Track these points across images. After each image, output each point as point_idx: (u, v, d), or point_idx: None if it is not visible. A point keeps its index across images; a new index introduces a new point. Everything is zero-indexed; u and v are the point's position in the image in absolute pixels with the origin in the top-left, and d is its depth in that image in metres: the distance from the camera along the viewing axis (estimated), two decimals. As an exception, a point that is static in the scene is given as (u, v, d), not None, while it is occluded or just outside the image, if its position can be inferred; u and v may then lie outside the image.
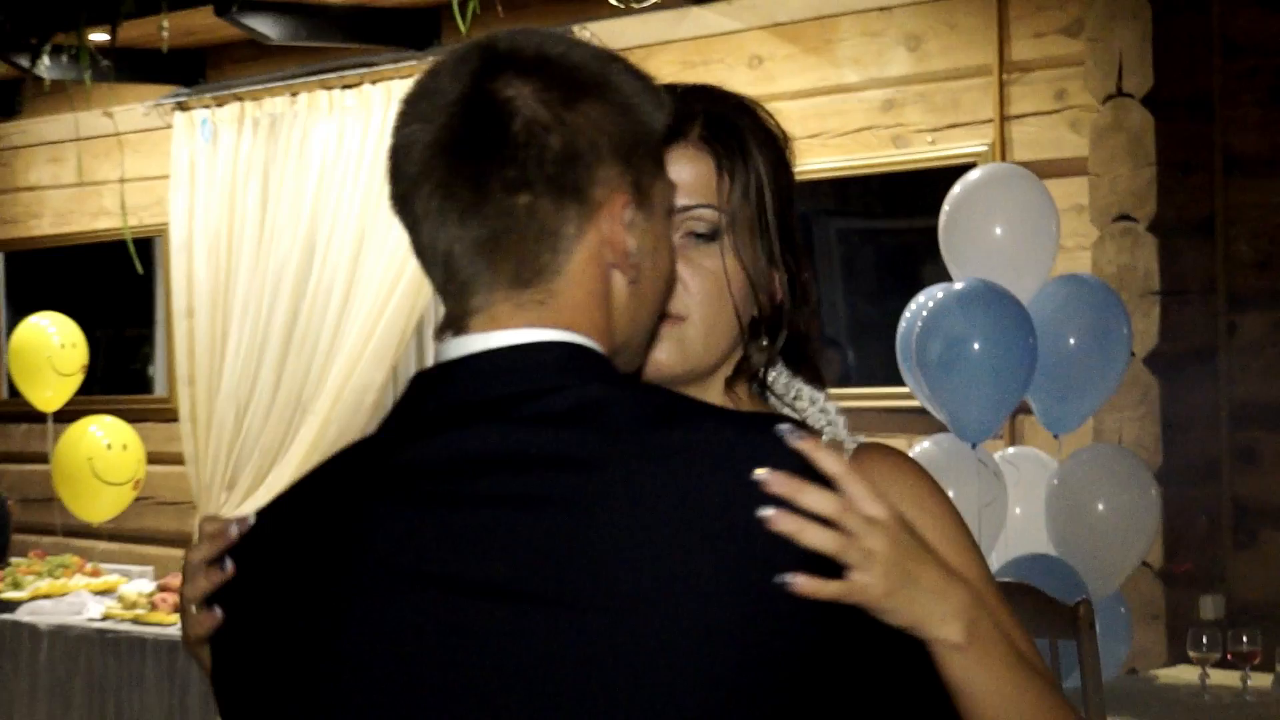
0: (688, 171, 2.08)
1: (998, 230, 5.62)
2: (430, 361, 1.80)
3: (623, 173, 1.78)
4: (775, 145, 2.14)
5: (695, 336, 2.08)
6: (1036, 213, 5.67)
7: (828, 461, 1.69)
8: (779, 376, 2.18)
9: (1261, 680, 5.26)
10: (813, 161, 6.97)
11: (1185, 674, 5.50)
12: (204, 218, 8.49)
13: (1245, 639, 5.29)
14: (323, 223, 8.03)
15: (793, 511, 1.66)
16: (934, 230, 5.71)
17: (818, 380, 2.19)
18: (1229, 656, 5.29)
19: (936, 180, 6.11)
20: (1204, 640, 5.29)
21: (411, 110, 1.83)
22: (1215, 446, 6.13)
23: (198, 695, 7.09)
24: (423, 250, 1.83)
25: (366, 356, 7.81)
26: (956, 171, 5.99)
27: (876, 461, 2.07)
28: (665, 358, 2.07)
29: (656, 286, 1.85)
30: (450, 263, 1.80)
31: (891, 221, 7.34)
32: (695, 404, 1.80)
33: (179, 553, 8.46)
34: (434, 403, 1.83)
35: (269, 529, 1.84)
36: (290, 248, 8.10)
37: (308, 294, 8.04)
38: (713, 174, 2.09)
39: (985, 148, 6.56)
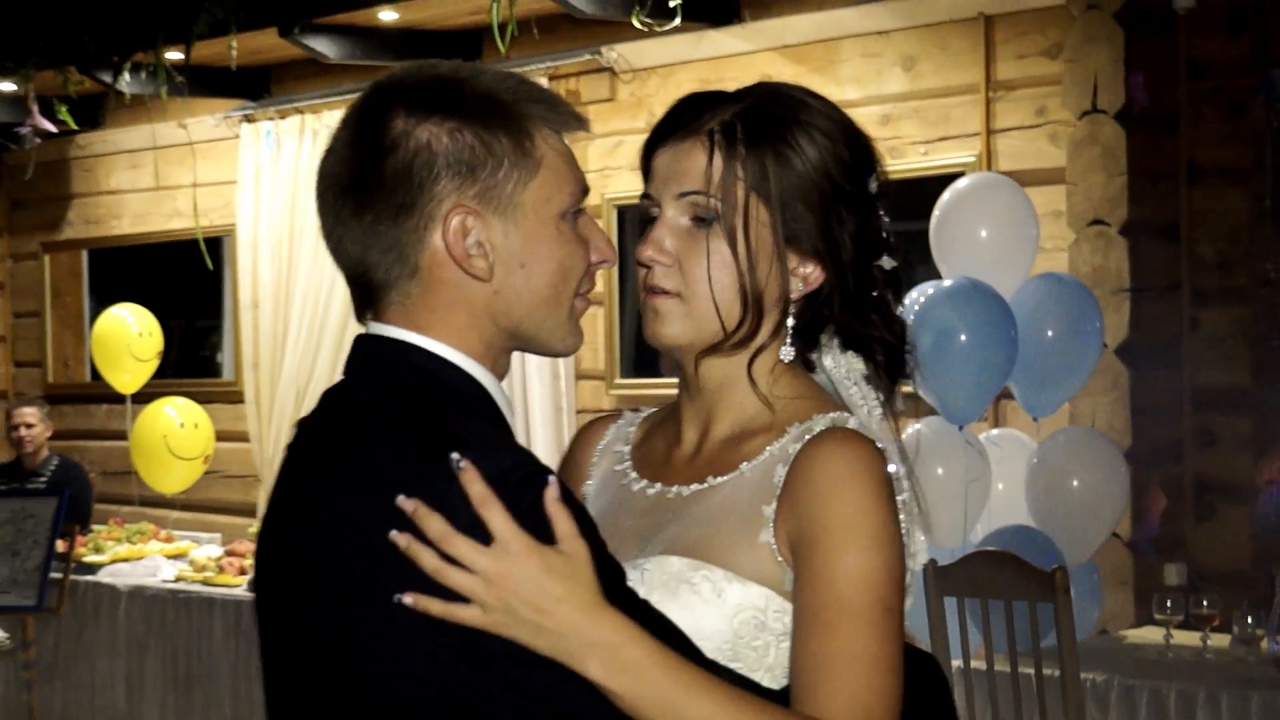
0: (684, 162, 2.06)
1: (983, 233, 5.62)
2: None
3: (459, 185, 1.84)
4: (813, 144, 2.06)
5: (686, 312, 2.06)
6: (1018, 217, 5.67)
7: (475, 496, 1.76)
8: (835, 356, 2.13)
9: (1220, 640, 5.25)
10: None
11: (1151, 634, 5.50)
12: (268, 219, 8.50)
13: (1205, 603, 5.29)
14: (375, 224, 8.04)
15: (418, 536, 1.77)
16: (926, 233, 5.71)
17: (872, 363, 2.14)
18: (1190, 618, 5.29)
19: (928, 188, 6.10)
20: (1168, 604, 5.28)
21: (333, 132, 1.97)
22: (1179, 429, 6.11)
23: (258, 648, 7.09)
24: (329, 251, 1.96)
25: (413, 345, 7.83)
26: (947, 180, 5.98)
27: (821, 447, 1.99)
28: (660, 329, 2.08)
29: (535, 285, 1.89)
30: (342, 265, 1.94)
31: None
32: (409, 419, 1.86)
33: (245, 521, 8.50)
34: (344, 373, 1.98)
35: None
36: (345, 246, 8.12)
37: (361, 288, 8.06)
38: (707, 166, 2.05)
39: (973, 158, 6.55)
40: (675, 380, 2.16)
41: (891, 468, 2.02)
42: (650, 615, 1.88)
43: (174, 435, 8.50)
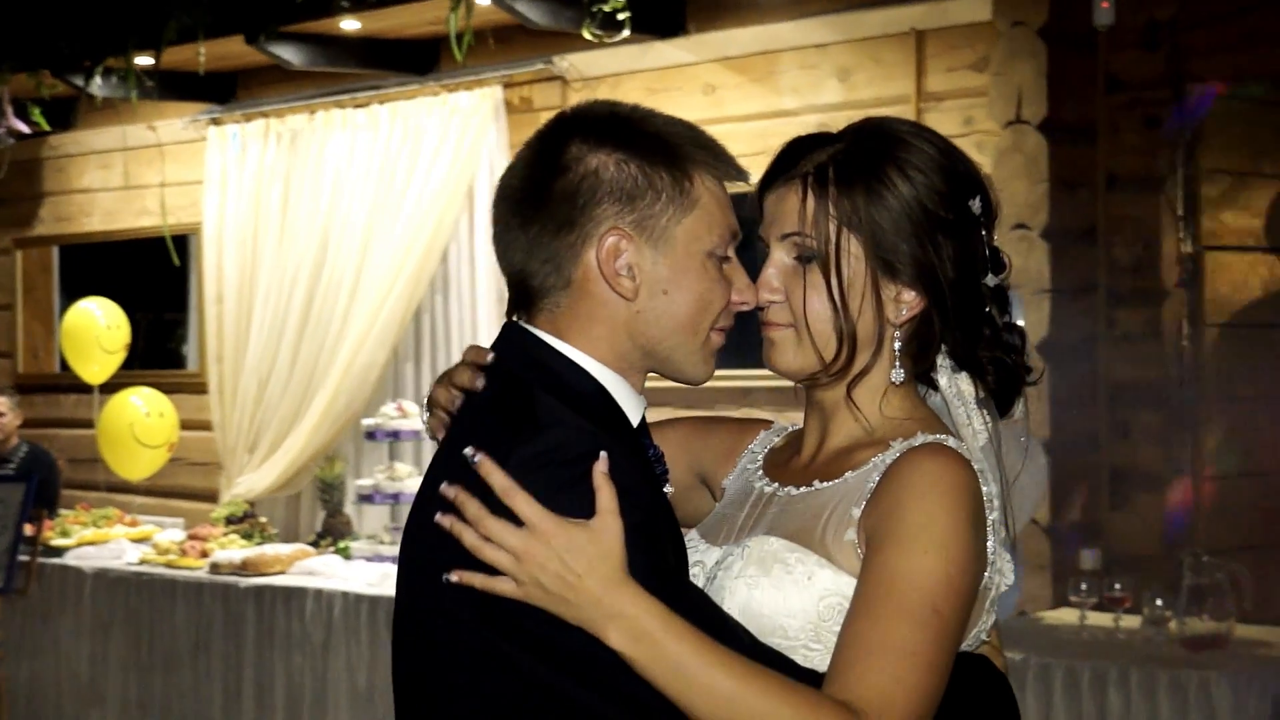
0: (784, 205, 2.14)
1: (913, 235, 5.68)
2: (426, 345, 2.13)
3: (618, 211, 1.96)
4: (907, 180, 2.08)
5: (798, 342, 2.13)
6: (946, 221, 5.72)
7: (497, 485, 1.89)
8: (949, 377, 2.16)
9: (1131, 621, 5.32)
10: (756, 177, 7.02)
11: (1067, 615, 5.55)
12: (233, 218, 8.50)
13: (1118, 586, 5.36)
14: (335, 224, 8.05)
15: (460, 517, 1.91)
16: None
17: (983, 384, 2.16)
18: (1104, 601, 5.36)
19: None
20: (1083, 587, 5.35)
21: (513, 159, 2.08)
22: (1095, 422, 6.17)
23: (219, 630, 7.13)
24: (496, 253, 2.08)
25: (371, 339, 7.84)
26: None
27: (913, 457, 2.04)
28: (776, 358, 2.17)
29: (677, 313, 2.01)
30: (506, 269, 2.05)
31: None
32: (506, 400, 1.99)
33: (207, 507, 8.50)
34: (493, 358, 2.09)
35: None
36: (306, 245, 8.13)
37: (321, 285, 8.07)
38: (802, 206, 2.12)
39: (904, 166, 6.61)
40: None
41: (986, 489, 2.07)
42: (691, 598, 1.95)
43: (140, 424, 8.50)
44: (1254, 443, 6.39)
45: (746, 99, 7.15)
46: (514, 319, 2.07)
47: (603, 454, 1.89)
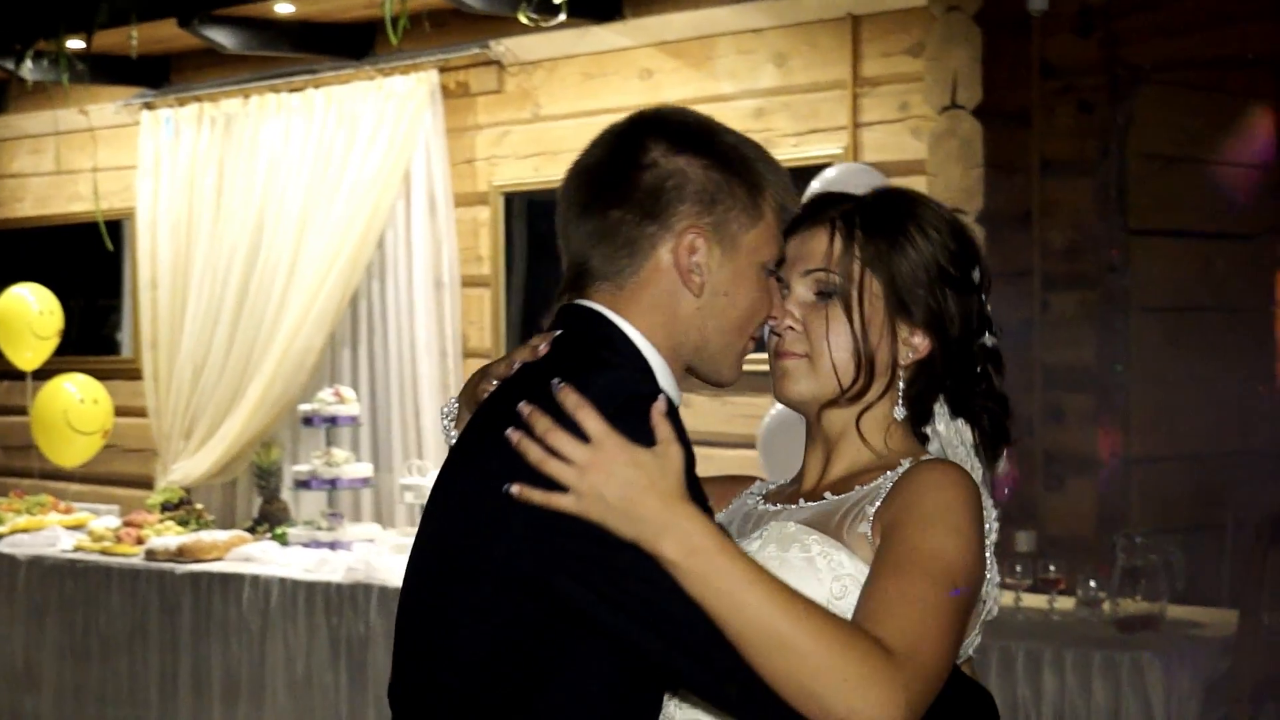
0: (813, 242, 2.30)
1: (849, 220, 5.71)
2: (363, 330, 2.11)
3: (699, 213, 2.12)
4: (925, 238, 2.28)
5: (810, 372, 2.30)
6: (882, 206, 5.75)
7: (570, 404, 2.00)
8: (947, 422, 2.34)
9: (1065, 603, 5.36)
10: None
11: (1002, 598, 5.58)
12: (166, 203, 8.45)
13: (1052, 568, 5.39)
14: (270, 208, 8.02)
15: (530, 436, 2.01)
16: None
17: (979, 430, 2.33)
18: (1038, 582, 5.40)
19: (798, 177, 6.15)
20: (1018, 569, 5.39)
21: (585, 148, 2.23)
22: (1029, 405, 6.20)
23: (155, 616, 7.09)
24: (560, 233, 2.22)
25: (308, 324, 7.81)
26: (815, 170, 6.06)
27: (924, 465, 2.21)
28: (788, 386, 2.32)
29: (729, 315, 2.17)
30: (569, 256, 2.20)
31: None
32: (571, 353, 2.13)
33: (142, 493, 8.46)
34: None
35: None
36: (241, 230, 8.09)
37: (256, 270, 8.04)
38: (829, 246, 2.29)
39: (840, 150, 6.63)
40: None
41: (986, 509, 2.23)
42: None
43: (74, 410, 8.45)
44: (1185, 425, 6.46)
45: (683, 83, 7.15)
46: (559, 301, 2.21)
47: (661, 396, 2.03)
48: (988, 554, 2.23)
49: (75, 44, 7.71)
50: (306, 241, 7.85)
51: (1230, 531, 5.97)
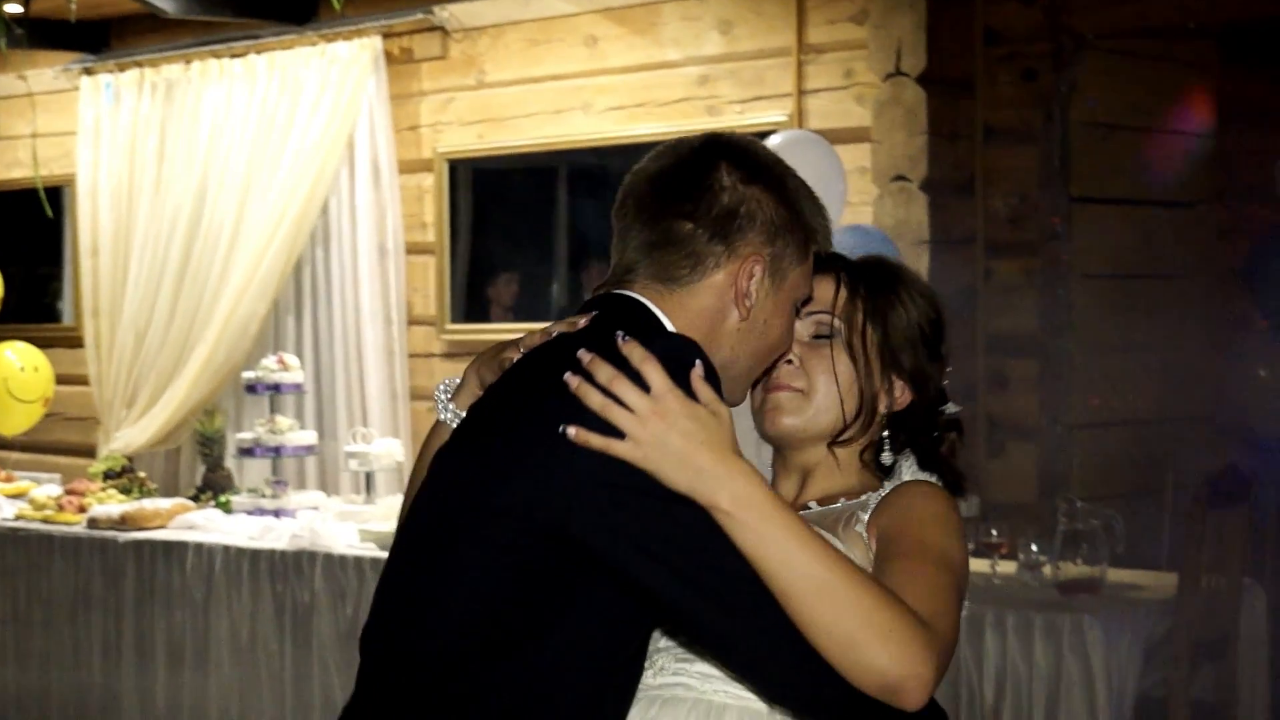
0: (821, 289, 2.43)
1: (793, 187, 5.73)
2: (307, 298, 2.05)
3: (765, 243, 2.23)
4: (914, 303, 2.45)
5: (806, 406, 2.43)
6: (827, 173, 5.77)
7: (636, 358, 2.07)
8: (914, 473, 2.44)
9: (1007, 567, 5.40)
10: (638, 127, 7.06)
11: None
12: (107, 169, 8.41)
13: (994, 532, 5.44)
14: (212, 175, 7.99)
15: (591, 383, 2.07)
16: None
17: (944, 480, 2.44)
18: (981, 547, 5.44)
19: (743, 145, 6.18)
20: (961, 534, 5.44)
21: (653, 152, 2.32)
22: (973, 372, 6.25)
23: (98, 584, 7.08)
24: (615, 231, 2.30)
25: (251, 291, 7.79)
26: (760, 137, 6.04)
27: (912, 483, 2.39)
28: (780, 418, 2.45)
29: (762, 341, 2.28)
30: (622, 252, 2.27)
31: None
32: (619, 324, 2.17)
33: (84, 462, 8.43)
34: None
35: None
36: (183, 196, 8.06)
37: (199, 236, 8.01)
38: (835, 294, 2.44)
39: (785, 117, 6.66)
40: (506, 326, 2.35)
41: None
42: None
43: (14, 379, 8.40)
44: (1126, 391, 6.53)
45: (628, 50, 7.15)
46: (609, 290, 2.27)
47: (699, 362, 2.10)
48: None
49: (13, 8, 7.65)
50: (249, 208, 7.82)
51: (1170, 496, 6.04)
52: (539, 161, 7.58)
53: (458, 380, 2.47)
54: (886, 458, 2.44)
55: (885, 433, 2.45)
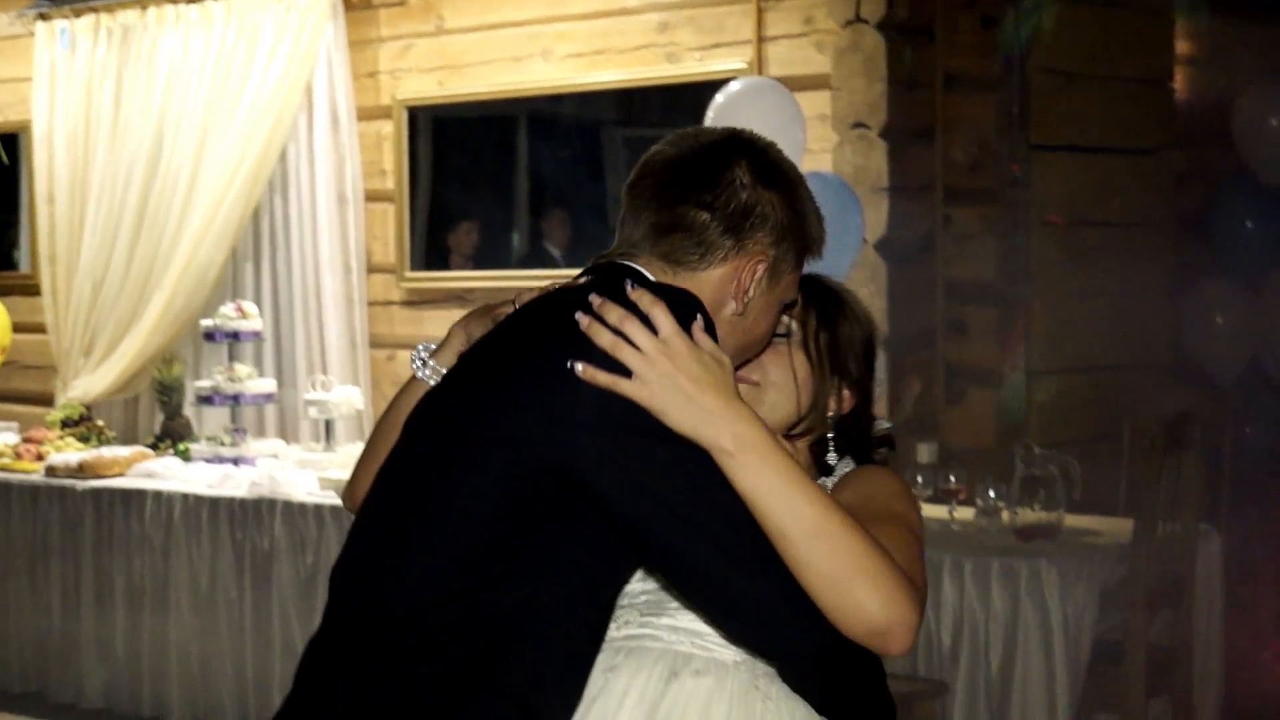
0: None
1: (754, 134, 5.73)
2: (265, 245, 2.04)
3: (771, 245, 2.29)
4: (857, 320, 2.54)
5: (763, 399, 2.46)
6: (787, 120, 5.78)
7: (645, 302, 2.13)
8: (842, 461, 2.52)
9: (965, 513, 5.45)
10: (598, 74, 7.04)
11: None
12: (63, 115, 8.34)
13: (953, 479, 5.48)
14: (169, 121, 7.93)
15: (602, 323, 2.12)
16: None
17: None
18: (939, 493, 5.48)
19: (703, 92, 6.18)
20: (920, 480, 5.47)
21: (671, 137, 2.36)
22: (932, 318, 6.29)
23: (56, 532, 7.07)
24: (624, 207, 2.34)
25: (209, 239, 7.75)
26: (720, 84, 6.07)
27: (868, 468, 2.49)
28: None
29: (747, 336, 2.34)
30: (630, 228, 2.31)
31: (665, 131, 7.35)
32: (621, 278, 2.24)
33: (41, 410, 8.39)
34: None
35: None
36: (140, 143, 8.00)
37: (156, 183, 7.96)
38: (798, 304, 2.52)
39: (745, 64, 6.64)
40: (466, 273, 2.37)
41: None
42: None
43: (-30, 327, 8.36)
44: (1084, 338, 6.56)
45: (588, -3, 7.12)
46: (610, 260, 2.31)
47: (700, 316, 2.17)
48: None
49: (-33, -47, 7.58)
50: (207, 156, 7.78)
51: (1127, 442, 6.07)
52: (499, 109, 7.55)
53: (433, 347, 2.49)
54: (831, 458, 2.51)
55: (830, 435, 2.52)
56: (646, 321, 2.13)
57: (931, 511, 5.46)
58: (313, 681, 2.23)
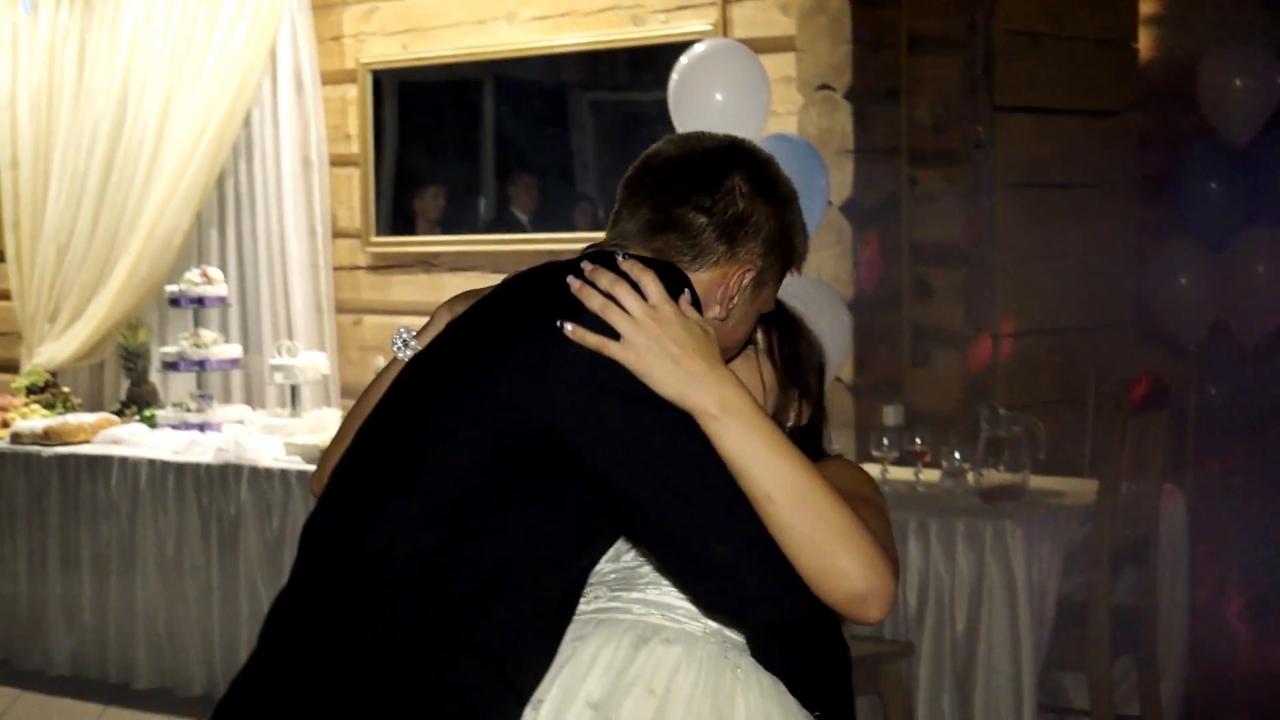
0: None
1: (718, 96, 5.72)
2: (230, 210, 2.20)
3: (760, 255, 2.33)
4: (811, 344, 2.57)
5: None
6: (751, 82, 5.77)
7: (635, 270, 2.18)
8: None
9: (930, 475, 5.47)
10: (563, 37, 7.01)
11: (869, 470, 5.67)
12: (26, 80, 8.27)
13: (918, 440, 5.50)
14: (133, 85, 7.88)
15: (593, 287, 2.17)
16: (665, 100, 5.78)
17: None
18: (905, 455, 5.50)
19: (668, 54, 6.16)
20: (885, 442, 5.48)
21: (674, 138, 2.41)
22: (897, 280, 6.30)
23: (22, 498, 7.05)
24: (620, 201, 2.38)
25: (174, 204, 7.71)
26: (685, 47, 6.04)
27: (829, 459, 2.50)
28: None
29: (726, 340, 2.35)
30: (625, 222, 2.34)
31: (631, 94, 7.37)
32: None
33: (7, 377, 8.35)
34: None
35: None
36: (104, 108, 7.95)
37: (120, 148, 7.90)
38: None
39: (710, 26, 6.61)
40: (431, 238, 2.37)
41: None
42: None
43: (-66, 293, 8.30)
44: (1048, 300, 6.58)
45: (552, -41, 7.08)
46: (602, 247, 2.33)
47: (687, 290, 2.22)
48: None
49: (-74, -84, 7.51)
50: (171, 120, 7.73)
51: (1092, 403, 6.09)
52: (464, 73, 7.52)
53: (415, 330, 2.50)
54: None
55: None
56: (637, 289, 2.16)
57: (897, 474, 5.50)
58: (280, 632, 2.23)
